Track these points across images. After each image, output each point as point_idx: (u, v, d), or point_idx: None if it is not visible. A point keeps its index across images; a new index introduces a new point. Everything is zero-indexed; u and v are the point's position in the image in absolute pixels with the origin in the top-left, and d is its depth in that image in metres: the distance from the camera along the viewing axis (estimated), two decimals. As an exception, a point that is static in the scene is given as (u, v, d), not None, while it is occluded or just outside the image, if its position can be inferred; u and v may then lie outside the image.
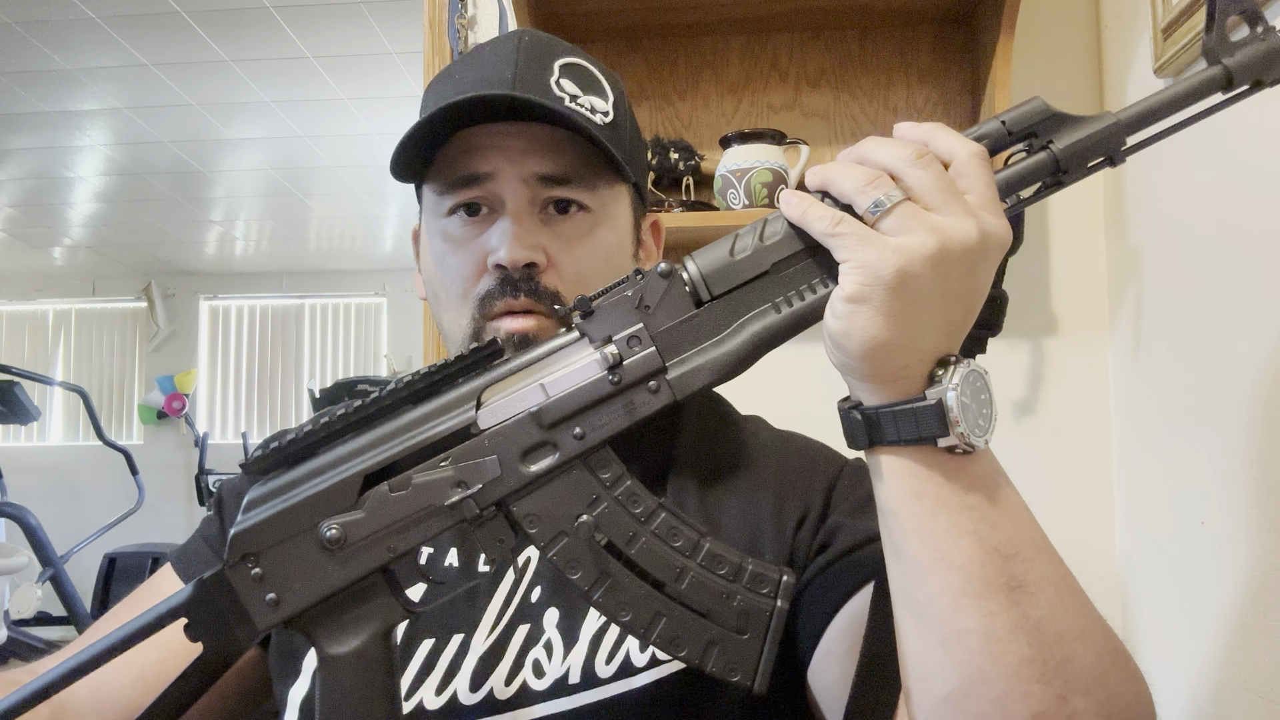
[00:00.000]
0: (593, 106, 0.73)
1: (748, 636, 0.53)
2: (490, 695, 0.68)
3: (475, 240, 0.74)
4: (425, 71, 1.58)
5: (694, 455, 0.77)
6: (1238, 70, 0.53)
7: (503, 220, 0.72)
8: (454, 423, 0.56)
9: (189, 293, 6.73)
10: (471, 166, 0.73)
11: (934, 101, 1.49)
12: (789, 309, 0.52)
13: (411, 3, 1.73)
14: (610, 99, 0.75)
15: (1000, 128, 0.52)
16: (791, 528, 0.72)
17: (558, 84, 0.72)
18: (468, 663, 0.69)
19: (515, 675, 0.68)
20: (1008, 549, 0.49)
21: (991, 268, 0.49)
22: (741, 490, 0.75)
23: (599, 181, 0.75)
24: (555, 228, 0.73)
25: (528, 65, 0.72)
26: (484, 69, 0.73)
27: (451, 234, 0.75)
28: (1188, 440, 1.12)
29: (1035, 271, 1.46)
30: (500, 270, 0.71)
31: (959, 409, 0.48)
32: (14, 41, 3.27)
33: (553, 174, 0.73)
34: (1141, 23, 1.25)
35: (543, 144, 0.72)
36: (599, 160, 0.73)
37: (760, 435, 0.82)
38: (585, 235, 0.74)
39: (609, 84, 0.77)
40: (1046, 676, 0.47)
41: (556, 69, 0.73)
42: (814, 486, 0.74)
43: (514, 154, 0.72)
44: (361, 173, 4.82)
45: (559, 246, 0.73)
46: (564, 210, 0.74)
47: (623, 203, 0.78)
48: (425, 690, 0.69)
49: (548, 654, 0.69)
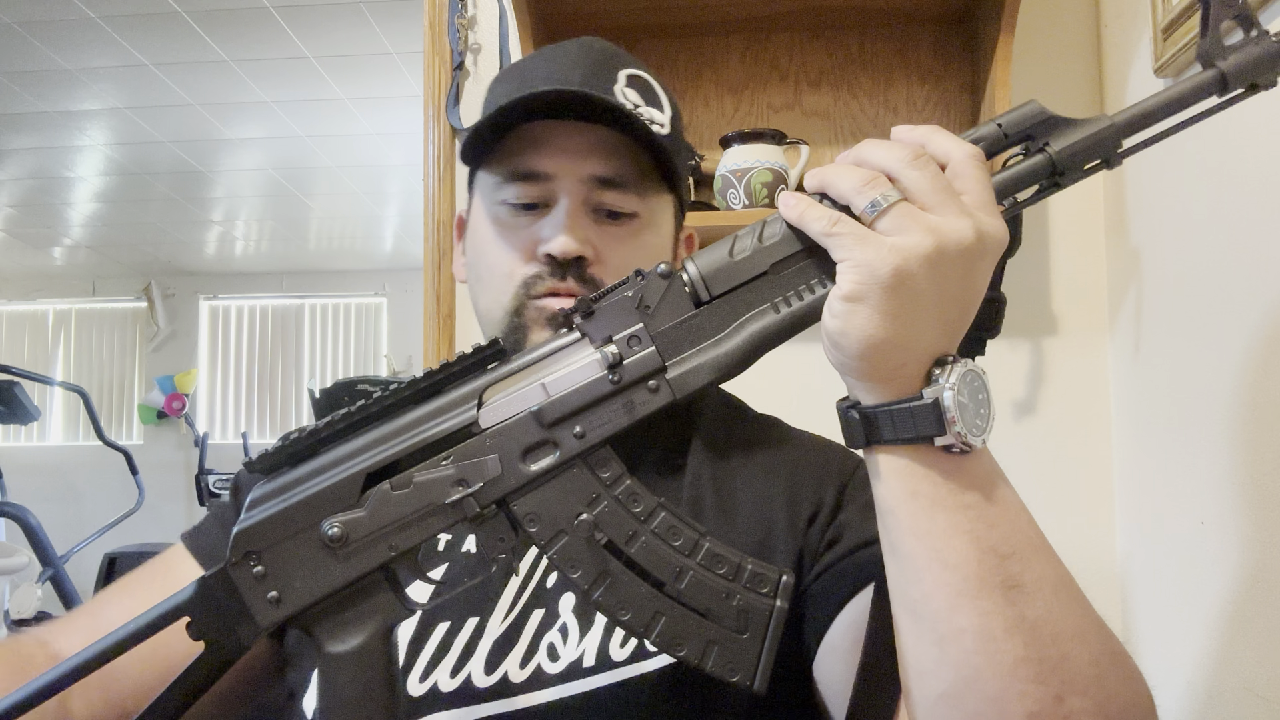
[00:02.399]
0: (652, 118, 0.76)
1: (747, 636, 0.53)
2: (505, 678, 0.69)
3: (527, 229, 0.76)
4: (425, 71, 1.58)
5: (711, 446, 0.79)
6: (1233, 74, 0.53)
7: (556, 213, 0.75)
8: (455, 422, 0.56)
9: (189, 293, 6.74)
10: (534, 164, 0.75)
11: (934, 101, 1.49)
12: (788, 309, 0.53)
13: (411, 3, 1.74)
14: (667, 113, 0.79)
15: (997, 130, 0.53)
16: (804, 523, 0.73)
17: (623, 92, 0.75)
18: (482, 646, 0.71)
19: (530, 659, 0.70)
20: (1004, 548, 0.49)
21: (988, 268, 0.50)
22: (757, 483, 0.76)
23: (649, 189, 0.78)
24: (604, 227, 0.76)
25: (596, 71, 0.75)
26: (552, 69, 0.76)
27: (504, 220, 0.78)
28: (1188, 440, 1.12)
29: (1035, 271, 1.47)
30: (550, 259, 0.74)
31: (956, 408, 0.48)
32: (14, 41, 3.27)
33: (609, 177, 0.75)
34: (1141, 23, 1.25)
35: (604, 147, 0.75)
36: (651, 168, 0.77)
37: (777, 432, 0.84)
38: (631, 236, 0.77)
39: (666, 98, 0.80)
40: (1042, 676, 0.47)
41: (622, 78, 0.76)
42: (827, 483, 0.75)
43: (575, 154, 0.75)
44: (361, 173, 4.82)
45: (606, 244, 0.76)
46: (614, 217, 0.77)
47: (667, 213, 0.81)
48: (440, 673, 0.70)
49: (563, 638, 0.70)
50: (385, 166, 4.71)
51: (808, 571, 0.71)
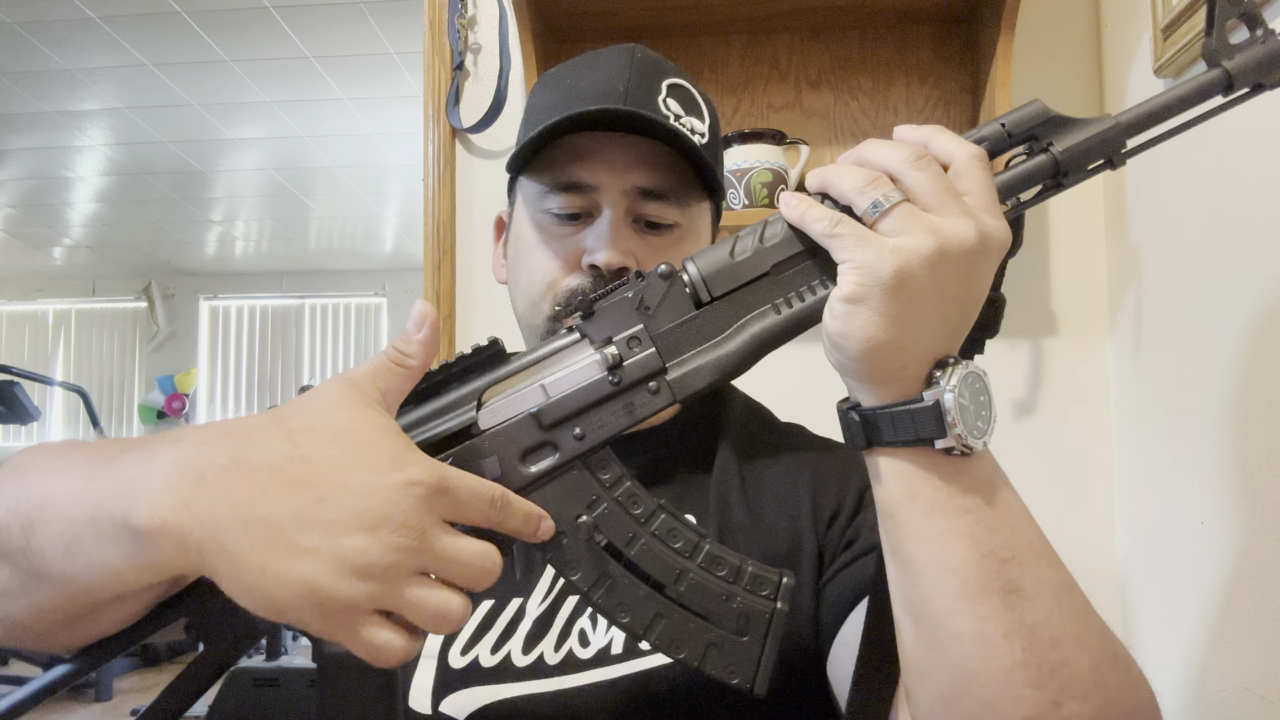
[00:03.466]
0: (692, 128, 0.77)
1: (747, 638, 0.53)
2: (540, 659, 0.72)
3: (571, 238, 0.78)
4: (425, 71, 1.58)
5: (738, 449, 0.81)
6: (1238, 73, 0.53)
7: (600, 224, 0.76)
8: (455, 423, 0.56)
9: (189, 293, 6.74)
10: (579, 175, 0.77)
11: (934, 101, 1.49)
12: (789, 310, 0.53)
13: (411, 3, 1.74)
14: (707, 122, 0.80)
15: (1000, 130, 0.53)
16: (825, 522, 0.75)
17: (664, 102, 0.76)
18: (523, 626, 0.73)
19: (563, 643, 0.72)
20: (1004, 552, 0.49)
21: (990, 269, 0.50)
22: (783, 483, 0.78)
23: (690, 198, 0.79)
24: (645, 237, 0.78)
25: (640, 82, 0.76)
26: (596, 80, 0.77)
27: (548, 228, 0.79)
28: (1188, 440, 1.12)
29: (1035, 271, 1.46)
30: (594, 270, 0.76)
31: (957, 410, 0.48)
32: (14, 41, 3.27)
33: (652, 188, 0.77)
34: (1141, 23, 1.25)
35: (646, 158, 0.77)
36: (693, 178, 0.78)
37: (802, 437, 0.86)
38: (672, 246, 0.79)
39: (706, 107, 0.81)
40: (1040, 681, 0.47)
41: (665, 88, 0.77)
42: (849, 485, 0.77)
43: (618, 166, 0.77)
44: (361, 173, 4.82)
45: (647, 254, 0.77)
46: (655, 228, 0.78)
47: (705, 220, 0.83)
48: (481, 648, 0.73)
49: (593, 625, 0.72)
50: (385, 166, 4.72)
51: (826, 569, 0.73)
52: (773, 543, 0.74)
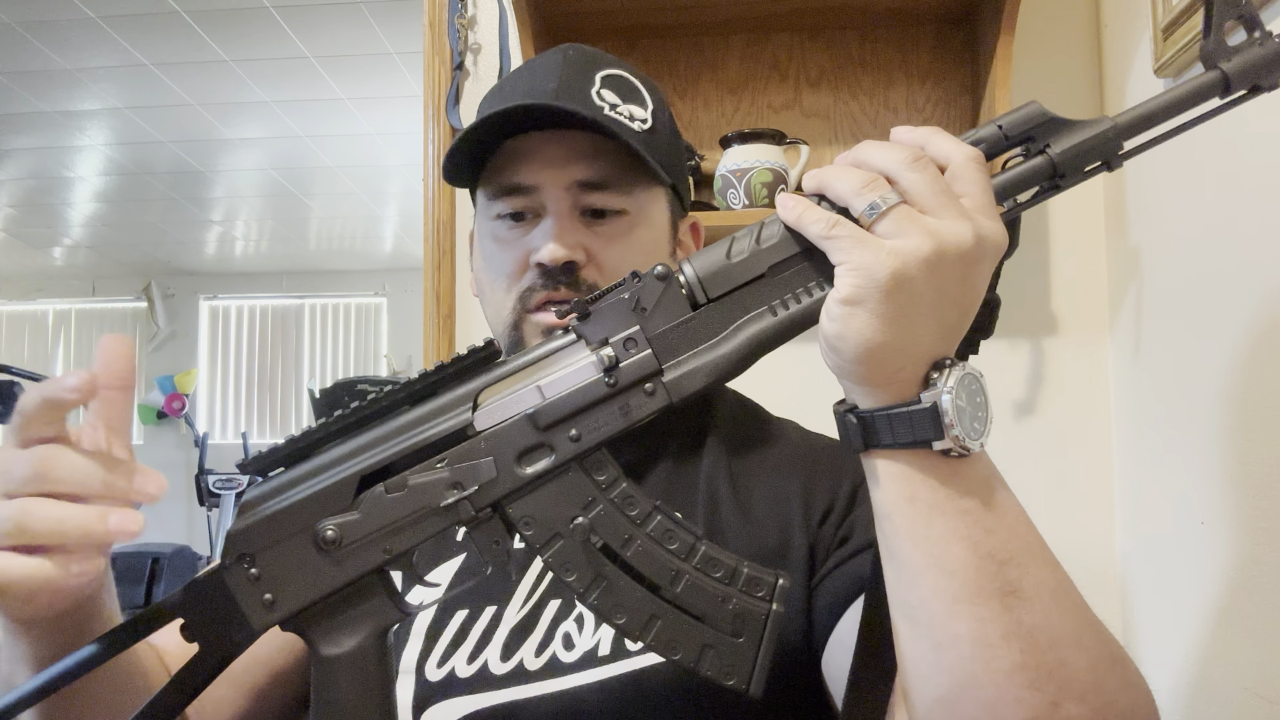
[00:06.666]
0: (631, 114, 0.78)
1: (743, 640, 0.53)
2: (520, 666, 0.71)
3: (520, 240, 0.79)
4: (425, 71, 1.58)
5: (728, 445, 0.81)
6: (1235, 75, 0.53)
7: (544, 223, 0.78)
8: (451, 424, 0.56)
9: (189, 293, 6.74)
10: (517, 176, 0.78)
11: (934, 101, 1.48)
12: (785, 312, 0.52)
13: (411, 3, 1.73)
14: (649, 107, 0.80)
15: (997, 132, 0.52)
16: (817, 520, 0.75)
17: (599, 94, 0.77)
18: (499, 634, 0.73)
19: (545, 647, 0.72)
20: (1002, 554, 0.49)
21: (987, 271, 0.49)
22: (773, 480, 0.78)
23: (636, 185, 0.79)
24: (594, 228, 0.79)
25: (571, 77, 0.77)
26: (531, 81, 0.78)
27: (500, 235, 0.81)
28: (1188, 440, 1.12)
29: (1035, 271, 1.46)
30: (541, 267, 0.76)
31: (954, 412, 0.48)
32: (14, 41, 3.27)
33: (592, 179, 0.77)
34: (1141, 23, 1.25)
35: (583, 151, 0.77)
36: (636, 165, 0.77)
37: (794, 433, 0.86)
38: (623, 235, 0.79)
39: (648, 93, 0.81)
40: (1039, 682, 0.47)
41: (598, 80, 0.78)
42: (842, 482, 0.77)
43: (556, 161, 0.77)
44: (361, 173, 4.82)
45: (599, 245, 0.78)
46: (600, 216, 0.79)
47: (660, 204, 0.83)
48: (457, 659, 0.73)
49: (578, 627, 0.72)
50: (385, 166, 4.71)
51: (819, 567, 0.73)
52: (762, 539, 0.74)
